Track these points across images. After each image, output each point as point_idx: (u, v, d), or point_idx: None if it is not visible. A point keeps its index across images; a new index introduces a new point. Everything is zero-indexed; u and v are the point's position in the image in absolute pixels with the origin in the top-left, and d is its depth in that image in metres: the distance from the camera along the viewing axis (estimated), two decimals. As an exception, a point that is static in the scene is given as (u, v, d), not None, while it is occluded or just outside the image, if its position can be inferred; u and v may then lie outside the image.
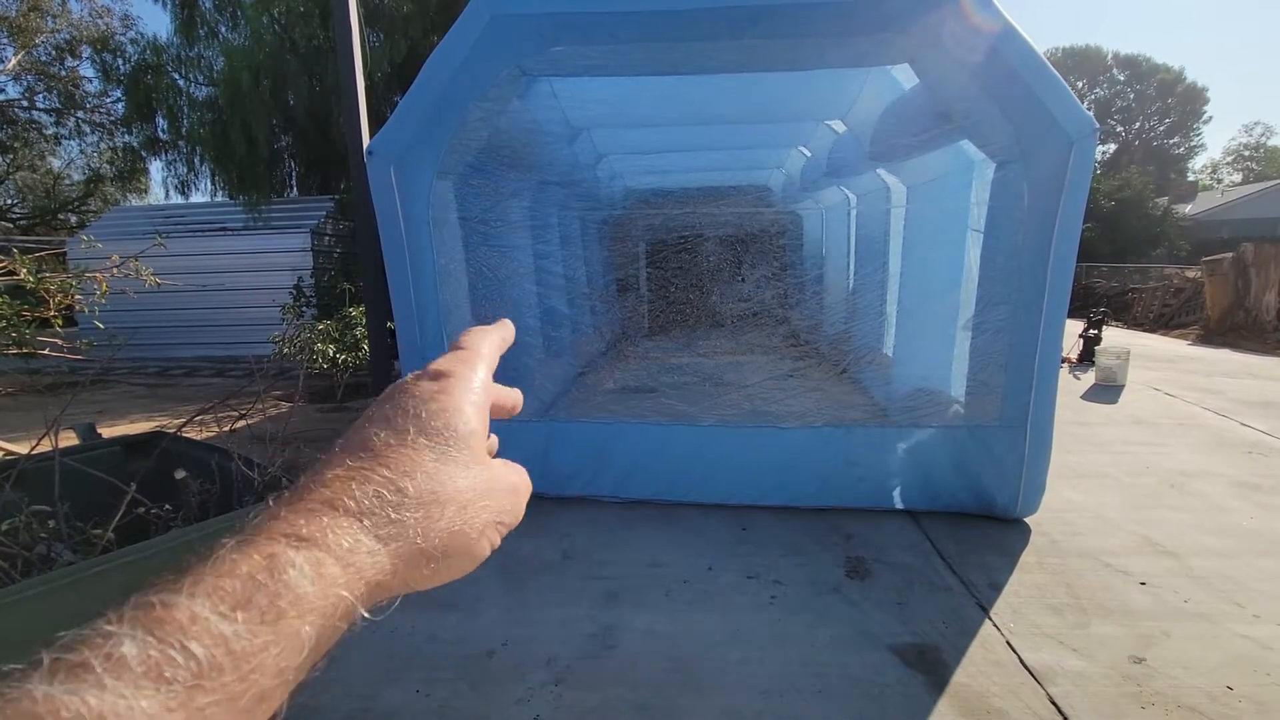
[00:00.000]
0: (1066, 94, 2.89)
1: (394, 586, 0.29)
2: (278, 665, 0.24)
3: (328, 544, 0.27)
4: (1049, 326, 3.08)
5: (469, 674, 2.25)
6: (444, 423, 0.33)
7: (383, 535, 0.28)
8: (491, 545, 0.34)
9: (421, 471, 0.31)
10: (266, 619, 0.24)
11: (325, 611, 0.26)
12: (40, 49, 16.05)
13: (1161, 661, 2.25)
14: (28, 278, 3.42)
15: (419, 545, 0.29)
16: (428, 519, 0.30)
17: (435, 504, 0.30)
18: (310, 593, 0.26)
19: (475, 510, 0.32)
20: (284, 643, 0.24)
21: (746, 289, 7.84)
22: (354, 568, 0.27)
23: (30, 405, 6.60)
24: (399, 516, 0.29)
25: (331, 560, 0.27)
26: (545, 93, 4.14)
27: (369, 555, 0.28)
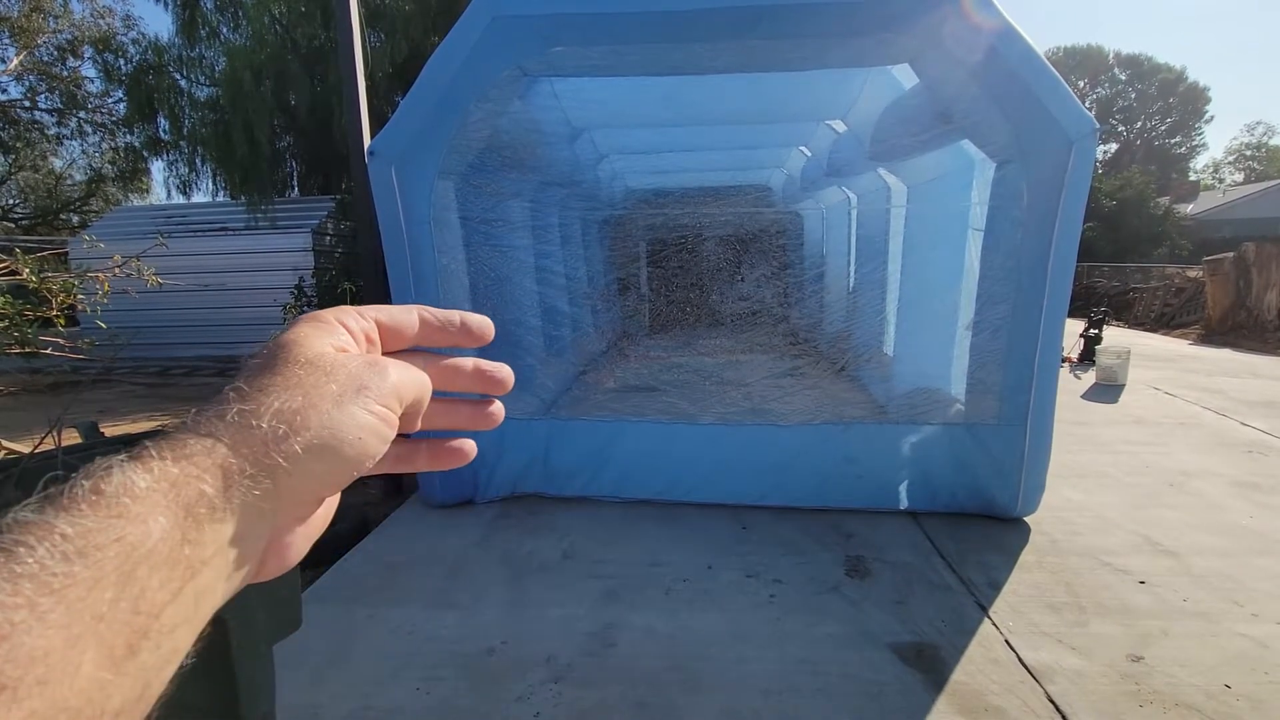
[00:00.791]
0: (1066, 94, 2.89)
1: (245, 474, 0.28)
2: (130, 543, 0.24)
3: (147, 449, 0.27)
4: (1049, 325, 3.09)
5: (469, 672, 2.26)
6: (275, 344, 0.33)
7: (206, 430, 0.28)
8: (367, 413, 0.32)
9: (245, 379, 0.31)
10: (96, 508, 0.24)
11: (169, 496, 0.26)
12: (42, 49, 16.07)
13: (1160, 660, 2.25)
14: (30, 277, 3.43)
15: (251, 425, 0.29)
16: (255, 404, 0.29)
17: (261, 394, 0.30)
18: (139, 482, 0.25)
19: (316, 387, 0.31)
20: (126, 524, 0.24)
21: (747, 288, 7.85)
22: (186, 459, 0.27)
23: (33, 404, 6.62)
24: (221, 410, 0.29)
25: (157, 457, 0.27)
26: (546, 93, 4.15)
27: (198, 445, 0.28)
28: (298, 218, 10.49)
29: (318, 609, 2.60)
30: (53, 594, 0.22)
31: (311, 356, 0.32)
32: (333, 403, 0.31)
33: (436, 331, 0.40)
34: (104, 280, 3.70)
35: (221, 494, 0.27)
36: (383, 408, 0.33)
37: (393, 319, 0.38)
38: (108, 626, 0.23)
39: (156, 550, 0.25)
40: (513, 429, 3.68)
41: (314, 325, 0.35)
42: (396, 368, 0.35)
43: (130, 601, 0.24)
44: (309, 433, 0.29)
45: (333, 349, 0.34)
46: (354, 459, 0.31)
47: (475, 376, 0.41)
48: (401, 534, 3.41)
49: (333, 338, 0.34)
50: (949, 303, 3.74)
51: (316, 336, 0.34)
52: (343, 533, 3.42)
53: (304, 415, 0.30)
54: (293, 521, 0.32)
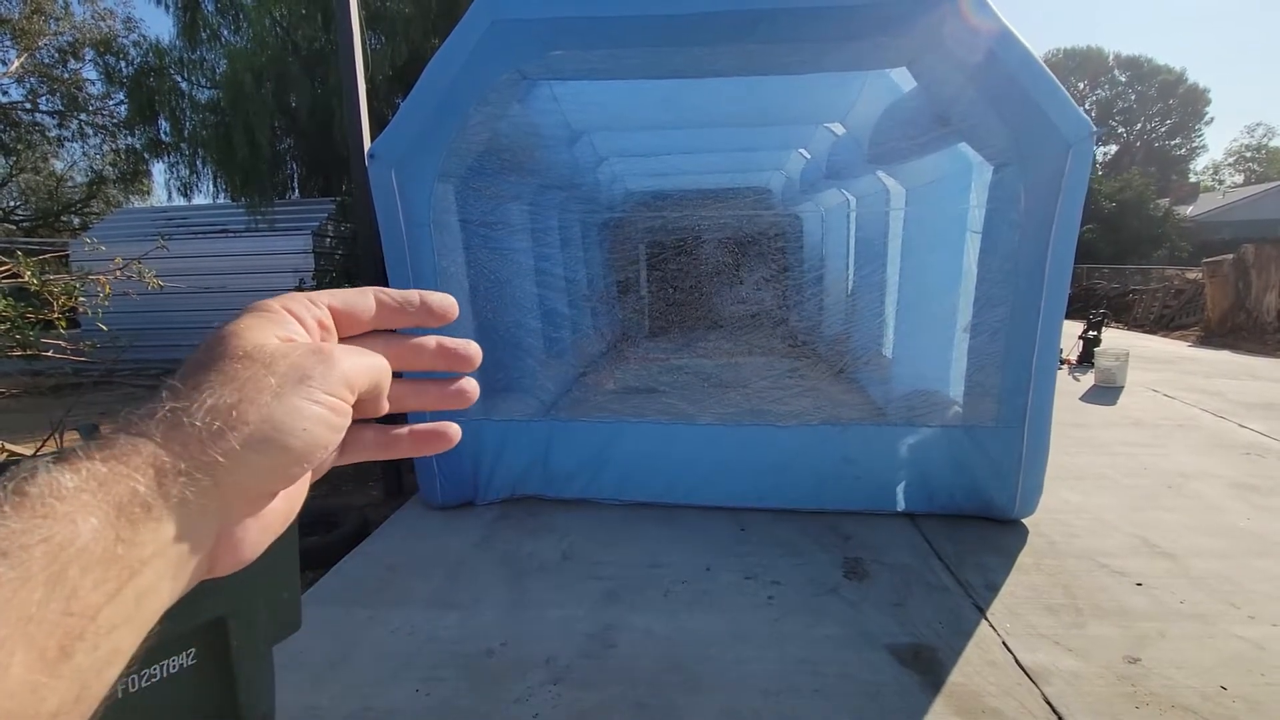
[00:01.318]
0: (1063, 98, 2.91)
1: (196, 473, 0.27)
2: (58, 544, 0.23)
3: (75, 450, 0.26)
4: (1046, 328, 3.10)
5: (469, 673, 2.27)
6: (214, 337, 0.32)
7: (138, 429, 0.27)
8: (310, 403, 0.30)
9: (181, 375, 0.30)
10: (20, 509, 0.24)
11: (98, 496, 0.25)
12: (43, 52, 16.10)
13: (1157, 662, 2.26)
14: (32, 280, 3.44)
15: (182, 423, 0.28)
16: (188, 399, 0.28)
17: (195, 389, 0.29)
18: (66, 482, 0.25)
19: (254, 380, 0.29)
20: (53, 524, 0.24)
21: (746, 290, 7.86)
22: (115, 458, 0.26)
23: (34, 407, 6.63)
24: (153, 408, 0.28)
25: (85, 457, 0.26)
26: (545, 96, 4.17)
27: (128, 443, 0.27)
28: (298, 220, 10.50)
29: (318, 610, 2.61)
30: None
31: (250, 349, 0.31)
32: (272, 395, 0.29)
33: (395, 313, 0.38)
34: (105, 282, 3.72)
35: (155, 492, 0.26)
36: (330, 396, 0.31)
37: (346, 303, 0.37)
38: (37, 628, 0.22)
39: (88, 550, 0.24)
40: (513, 430, 3.70)
41: (258, 315, 0.33)
42: (346, 353, 0.34)
43: (61, 602, 0.23)
44: (247, 428, 0.28)
45: (277, 339, 0.32)
46: (300, 451, 0.30)
47: (439, 354, 0.40)
48: (401, 535, 3.42)
49: (278, 328, 0.33)
50: (947, 305, 3.75)
51: (259, 327, 0.32)
52: (343, 534, 3.43)
53: (240, 410, 0.28)
54: (242, 516, 0.31)
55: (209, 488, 0.27)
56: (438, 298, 0.39)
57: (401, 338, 0.40)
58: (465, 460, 3.67)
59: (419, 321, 0.39)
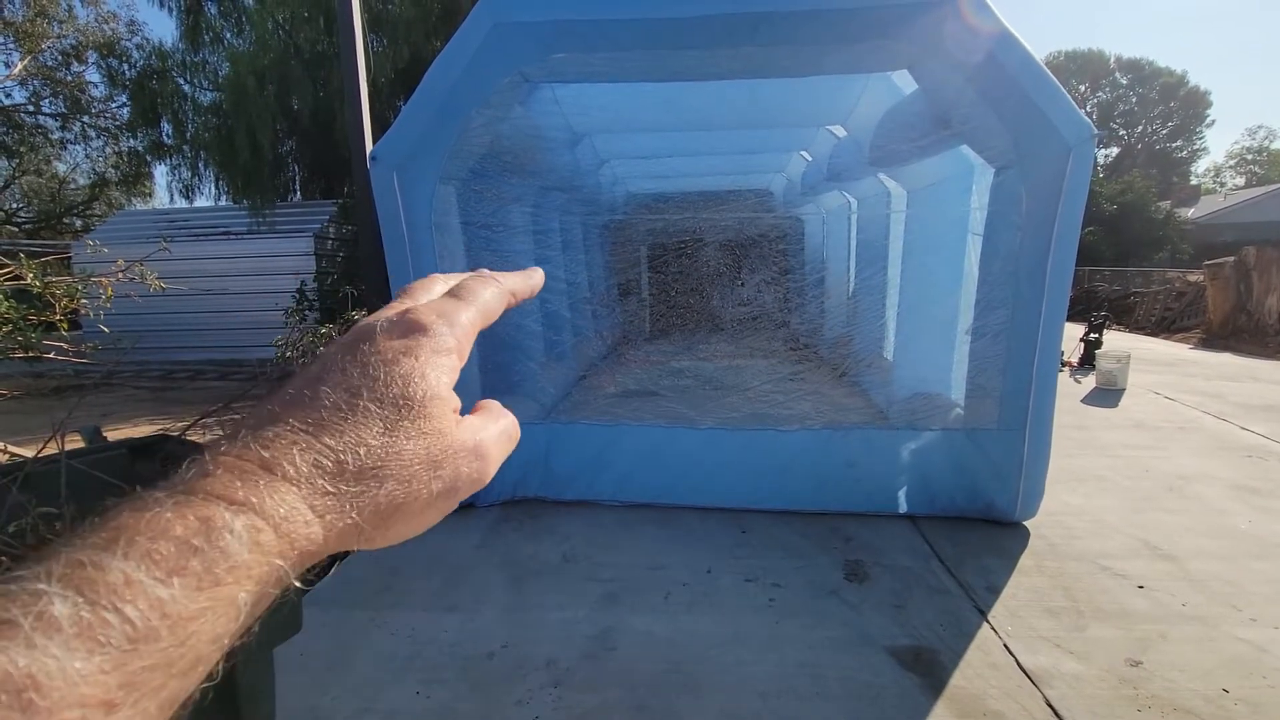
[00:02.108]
0: (1064, 100, 2.91)
1: (323, 554, 0.28)
2: (213, 631, 0.24)
3: (264, 510, 0.26)
4: (1047, 330, 3.10)
5: (469, 675, 2.27)
6: (401, 391, 0.31)
7: (318, 507, 0.27)
8: (441, 514, 0.32)
9: (364, 446, 0.29)
10: (203, 585, 0.23)
11: (260, 579, 0.25)
12: (46, 54, 16.15)
13: (1158, 664, 2.26)
14: (33, 282, 3.45)
15: (353, 519, 0.28)
16: (365, 493, 0.28)
17: (374, 479, 0.29)
18: (246, 560, 0.25)
19: (422, 482, 0.30)
20: (220, 609, 0.24)
21: (747, 293, 7.86)
22: (288, 538, 0.26)
23: (36, 408, 6.64)
24: (334, 489, 0.28)
25: (268, 529, 0.26)
26: (547, 99, 4.18)
27: (304, 526, 0.27)
28: (300, 222, 10.53)
29: (318, 612, 2.61)
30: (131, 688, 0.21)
31: (430, 435, 0.31)
32: (424, 503, 0.31)
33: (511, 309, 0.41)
34: (107, 284, 3.72)
35: (297, 572, 0.27)
36: (457, 500, 0.33)
37: (487, 316, 0.38)
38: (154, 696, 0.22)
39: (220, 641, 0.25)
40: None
41: (437, 358, 0.33)
42: (498, 450, 0.35)
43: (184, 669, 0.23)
44: (392, 532, 0.30)
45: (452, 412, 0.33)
46: (410, 537, 0.32)
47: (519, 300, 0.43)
48: (402, 537, 3.42)
49: (451, 373, 0.33)
50: (949, 308, 3.75)
51: (438, 379, 0.32)
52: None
53: (399, 510, 0.30)
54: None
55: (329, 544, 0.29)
56: (539, 278, 0.43)
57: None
58: (466, 462, 3.66)
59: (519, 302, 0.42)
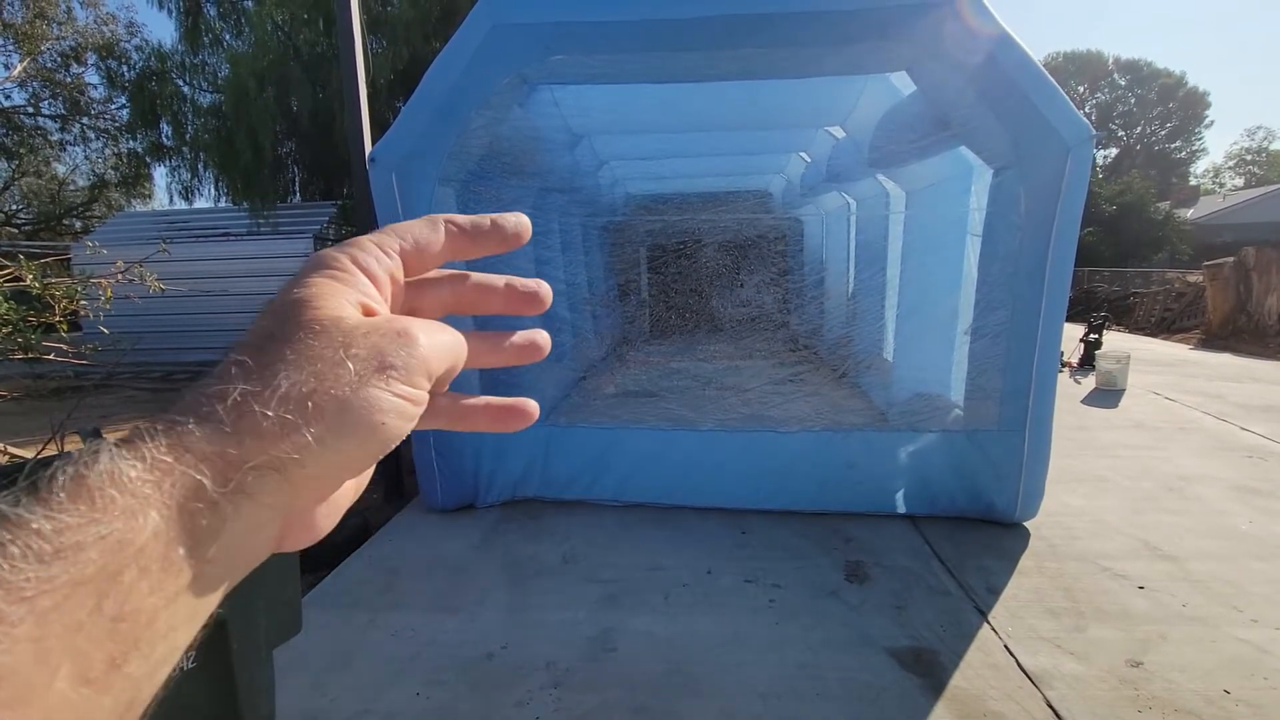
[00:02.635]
0: (1062, 100, 2.91)
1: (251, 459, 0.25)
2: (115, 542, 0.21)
3: (140, 433, 0.24)
4: (1047, 331, 3.10)
5: (469, 677, 2.27)
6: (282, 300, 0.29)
7: (206, 415, 0.25)
8: (390, 395, 0.28)
9: (246, 349, 0.27)
10: (78, 500, 0.22)
11: (162, 489, 0.23)
12: (46, 56, 16.18)
13: (1158, 665, 2.26)
14: (33, 283, 3.45)
15: (255, 412, 0.25)
16: (260, 381, 0.26)
17: (268, 372, 0.26)
18: (128, 471, 0.23)
19: (330, 361, 0.27)
20: (111, 520, 0.22)
21: (747, 294, 7.86)
22: (181, 448, 0.24)
23: (36, 410, 6.63)
24: (222, 390, 0.26)
25: (148, 443, 0.24)
26: (546, 100, 4.18)
27: (196, 431, 0.24)
28: (300, 223, 10.53)
29: (318, 613, 2.60)
30: (23, 602, 0.19)
31: (327, 323, 0.28)
32: (349, 385, 0.27)
33: (465, 244, 0.35)
34: (106, 286, 3.73)
35: (221, 487, 0.24)
36: (408, 387, 0.29)
37: (417, 243, 0.34)
38: (87, 637, 0.20)
39: (146, 550, 0.22)
40: (513, 434, 3.69)
41: (330, 277, 0.30)
42: (426, 333, 0.30)
43: (114, 608, 0.21)
44: (322, 421, 0.26)
45: (352, 308, 0.30)
46: (375, 444, 0.28)
47: (509, 296, 0.37)
48: (402, 538, 3.42)
49: (353, 291, 0.30)
50: (948, 308, 3.75)
51: (334, 293, 0.30)
52: (343, 537, 3.43)
53: (316, 400, 0.26)
54: (312, 505, 0.29)
55: (278, 482, 0.25)
56: (510, 218, 0.36)
57: (466, 277, 0.37)
58: (466, 463, 3.67)
59: (491, 249, 0.36)
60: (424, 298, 0.36)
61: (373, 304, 0.31)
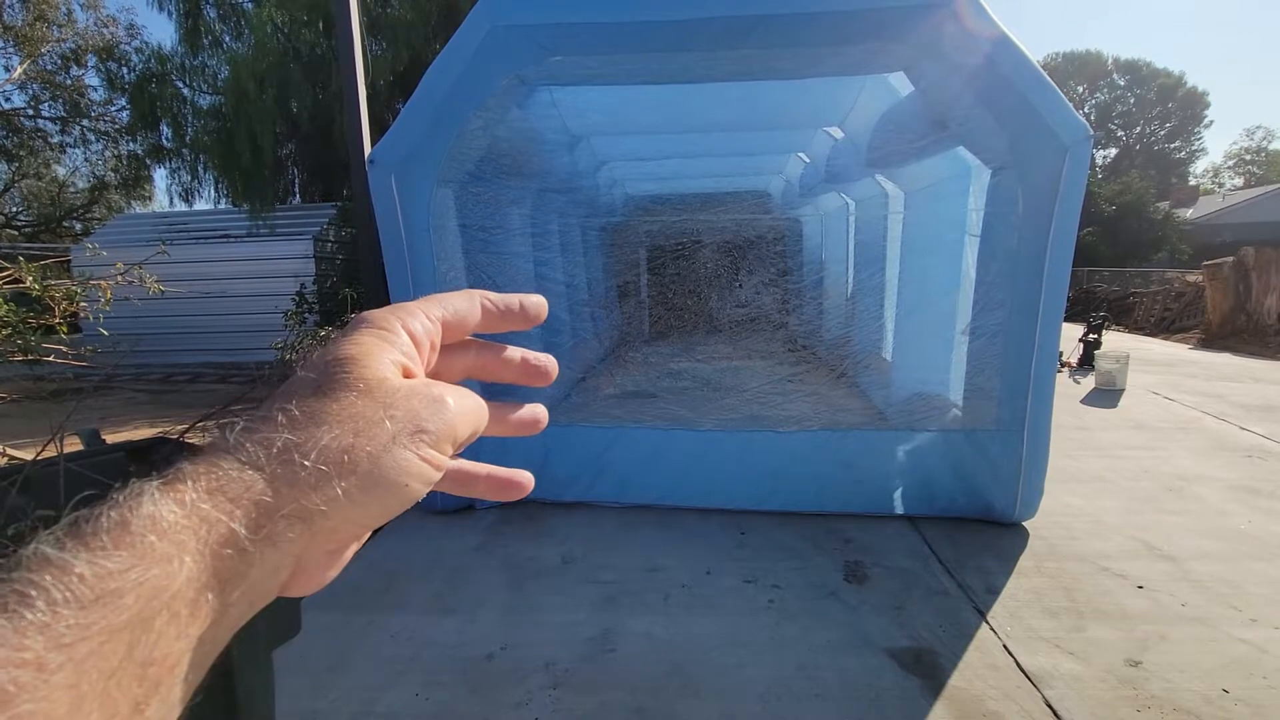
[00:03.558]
0: (1060, 100, 2.92)
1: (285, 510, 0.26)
2: (152, 589, 0.22)
3: (184, 472, 0.25)
4: (1045, 330, 3.10)
5: (468, 677, 2.27)
6: (332, 355, 0.30)
7: (247, 460, 0.26)
8: (419, 459, 0.29)
9: (295, 399, 0.28)
10: (120, 544, 0.22)
11: (202, 538, 0.24)
12: (46, 58, 16.19)
13: (1158, 665, 2.26)
14: (33, 285, 3.45)
15: (295, 462, 0.26)
16: (307, 440, 0.27)
17: (312, 424, 0.27)
18: (171, 520, 0.23)
19: (371, 421, 0.28)
20: (150, 566, 0.22)
21: (746, 294, 7.87)
22: (220, 493, 0.25)
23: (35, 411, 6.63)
24: (268, 438, 0.27)
25: (189, 486, 0.25)
26: (544, 101, 4.18)
27: (237, 477, 0.25)
28: (299, 225, 10.54)
29: (317, 615, 2.60)
30: (62, 649, 0.20)
31: (371, 383, 0.29)
32: (384, 445, 0.28)
33: (496, 320, 0.38)
34: (106, 287, 3.73)
35: (253, 534, 0.25)
36: (435, 452, 0.30)
37: (457, 314, 0.36)
38: (117, 684, 0.21)
39: (180, 596, 0.23)
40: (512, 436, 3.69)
41: (377, 336, 0.32)
42: (456, 399, 0.32)
43: (145, 653, 0.22)
44: (354, 478, 0.27)
45: (394, 368, 0.31)
46: (396, 502, 0.29)
47: (523, 369, 0.40)
48: (401, 540, 3.42)
49: (398, 353, 0.32)
50: (946, 308, 3.76)
51: (379, 353, 0.31)
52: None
53: (353, 456, 0.27)
54: (322, 554, 0.30)
55: (302, 531, 0.26)
56: (534, 301, 0.39)
57: (492, 347, 0.39)
58: (465, 464, 3.67)
59: (514, 326, 0.39)
60: (450, 361, 0.38)
61: (411, 366, 0.33)
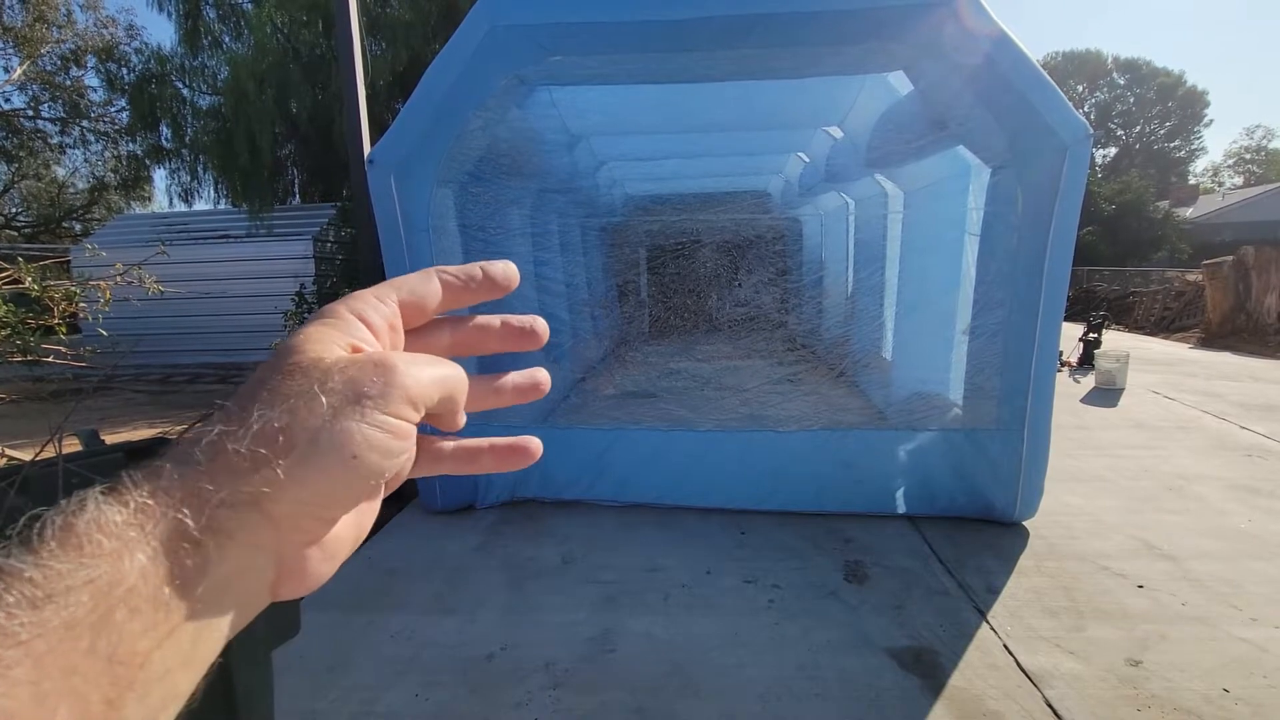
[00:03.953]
0: (1060, 99, 2.91)
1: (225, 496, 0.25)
2: (104, 584, 0.22)
3: (125, 480, 0.25)
4: (1045, 330, 3.10)
5: (468, 678, 2.26)
6: (279, 350, 0.30)
7: (184, 459, 0.26)
8: (367, 426, 0.27)
9: (236, 396, 0.28)
10: (66, 546, 0.22)
11: (145, 530, 0.24)
12: (46, 59, 16.19)
13: (1158, 664, 2.25)
14: (32, 286, 3.45)
15: (228, 450, 0.26)
16: (237, 422, 0.26)
17: (245, 410, 0.27)
18: (114, 516, 0.23)
19: (306, 400, 0.27)
20: (99, 564, 0.22)
21: (745, 294, 7.87)
22: (162, 491, 0.25)
23: (34, 412, 6.63)
24: (203, 431, 0.26)
25: (133, 488, 0.24)
26: (544, 101, 4.18)
27: (176, 475, 0.25)
28: (299, 225, 10.54)
29: (317, 615, 2.60)
30: (18, 645, 0.20)
31: (306, 363, 0.28)
32: (323, 419, 0.27)
33: (460, 292, 0.36)
34: (105, 288, 3.72)
35: (203, 526, 0.24)
36: (390, 417, 0.28)
37: (414, 292, 0.35)
38: (83, 679, 0.21)
39: (136, 591, 0.23)
40: (512, 435, 3.69)
41: (323, 323, 0.31)
42: (411, 363, 0.30)
43: (107, 649, 0.22)
44: (293, 454, 0.26)
45: (341, 349, 0.30)
46: (352, 479, 0.27)
47: (506, 334, 0.38)
48: (401, 540, 3.42)
49: (346, 335, 0.31)
50: (946, 308, 3.75)
51: (323, 337, 0.30)
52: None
53: (287, 434, 0.26)
54: (301, 546, 0.29)
55: (257, 520, 0.26)
56: (499, 266, 0.37)
57: (465, 320, 0.38)
58: (465, 464, 3.67)
59: (484, 296, 0.37)
60: (426, 344, 0.37)
61: (364, 345, 0.31)
